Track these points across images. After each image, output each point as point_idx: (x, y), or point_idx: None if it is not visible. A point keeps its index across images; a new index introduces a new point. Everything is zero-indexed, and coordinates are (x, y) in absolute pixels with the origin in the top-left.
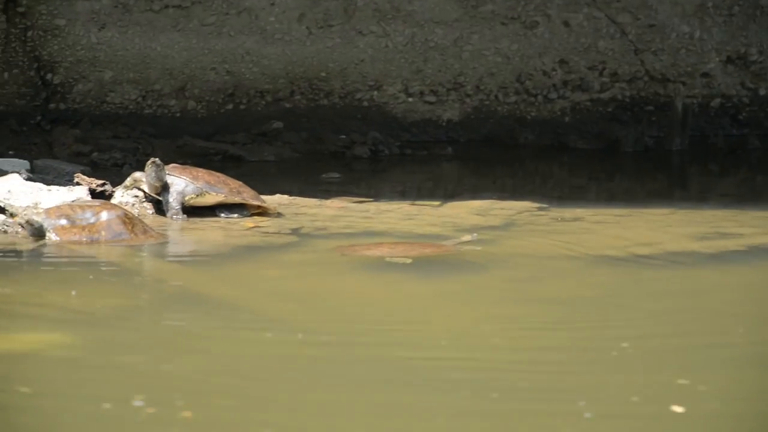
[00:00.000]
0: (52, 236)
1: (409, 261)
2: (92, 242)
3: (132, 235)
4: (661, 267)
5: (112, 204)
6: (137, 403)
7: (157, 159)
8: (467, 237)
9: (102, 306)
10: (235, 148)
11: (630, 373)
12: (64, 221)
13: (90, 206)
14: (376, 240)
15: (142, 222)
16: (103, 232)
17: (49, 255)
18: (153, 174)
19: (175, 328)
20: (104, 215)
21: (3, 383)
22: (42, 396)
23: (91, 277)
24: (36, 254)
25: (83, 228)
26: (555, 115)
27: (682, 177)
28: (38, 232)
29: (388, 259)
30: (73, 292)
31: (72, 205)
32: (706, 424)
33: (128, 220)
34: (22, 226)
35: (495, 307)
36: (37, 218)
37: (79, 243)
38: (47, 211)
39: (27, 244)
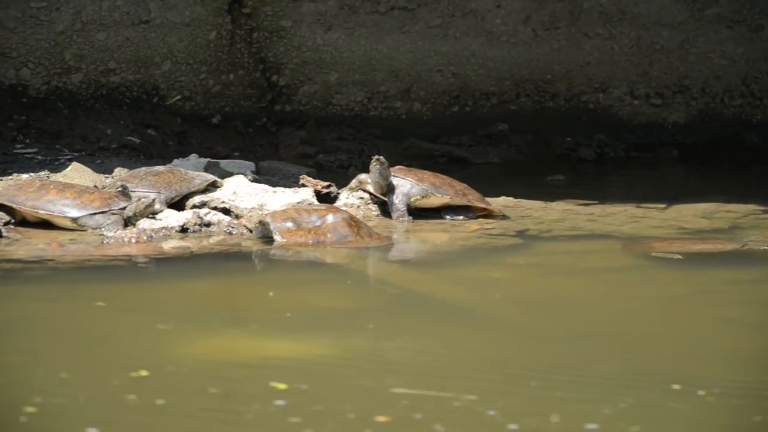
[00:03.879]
0: (278, 238)
1: (679, 257)
2: (318, 244)
3: (357, 237)
4: None
5: (336, 207)
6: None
7: (381, 157)
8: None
9: (331, 308)
10: (460, 150)
11: None
12: (290, 224)
13: (315, 209)
14: (599, 242)
15: (367, 225)
16: (329, 235)
17: (276, 257)
18: (377, 172)
19: (402, 329)
20: (330, 218)
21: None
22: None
23: (318, 279)
24: (264, 256)
25: (309, 230)
26: None
27: None
28: (266, 234)
29: (654, 254)
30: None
31: (297, 208)
32: None
33: (353, 223)
34: (249, 228)
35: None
36: (264, 221)
37: (305, 245)
38: (273, 214)
39: (253, 245)
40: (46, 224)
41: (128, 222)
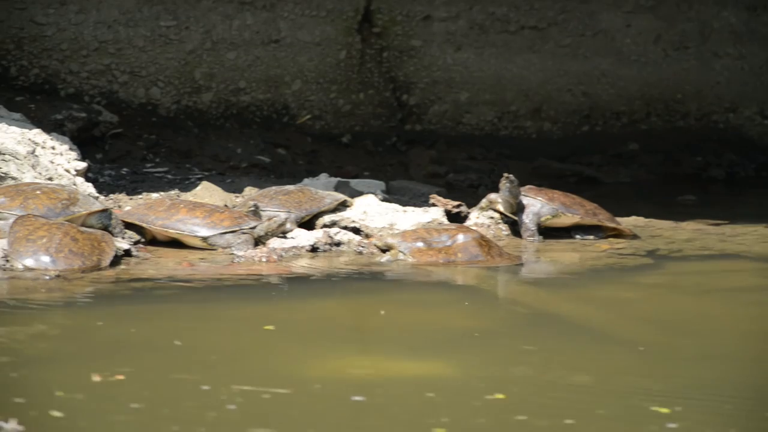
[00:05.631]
0: (408, 258)
1: None
2: (448, 264)
3: (488, 257)
4: None
5: (467, 227)
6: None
7: (511, 175)
8: None
9: (462, 327)
10: (590, 169)
11: None
12: (420, 244)
13: (446, 229)
14: (730, 262)
15: (497, 245)
16: (459, 254)
17: (406, 276)
18: (507, 190)
19: (531, 352)
20: (461, 238)
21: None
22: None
23: (449, 299)
24: (394, 276)
25: (439, 250)
26: None
27: None
28: (395, 254)
29: None
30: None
31: (428, 228)
32: None
33: (484, 242)
34: (379, 248)
35: None
36: (394, 241)
37: (435, 264)
38: (403, 234)
39: (383, 265)
40: (176, 243)
41: (258, 241)
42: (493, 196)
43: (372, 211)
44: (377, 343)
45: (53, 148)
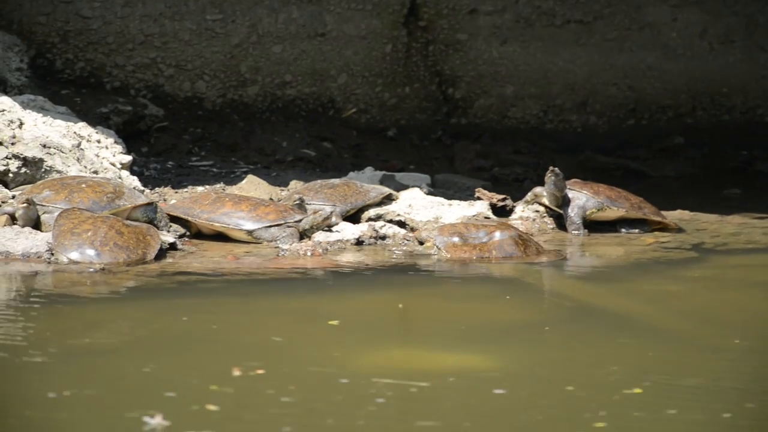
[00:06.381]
0: (443, 253)
1: None
2: (482, 260)
3: (523, 255)
4: None
5: (507, 225)
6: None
7: (555, 168)
8: None
9: (509, 321)
10: (635, 163)
11: None
12: (456, 239)
13: (484, 226)
14: None
15: (537, 242)
16: (493, 251)
17: (448, 271)
18: (552, 183)
19: (578, 342)
20: (497, 235)
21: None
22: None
23: (493, 292)
24: (436, 269)
25: (474, 246)
26: None
27: None
28: (430, 247)
29: None
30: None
31: (467, 224)
32: None
33: (521, 240)
34: (419, 241)
35: None
36: (430, 234)
37: (469, 260)
38: (441, 228)
39: (422, 258)
40: (221, 237)
41: (303, 235)
42: (538, 189)
43: (417, 204)
44: (425, 336)
45: (99, 141)
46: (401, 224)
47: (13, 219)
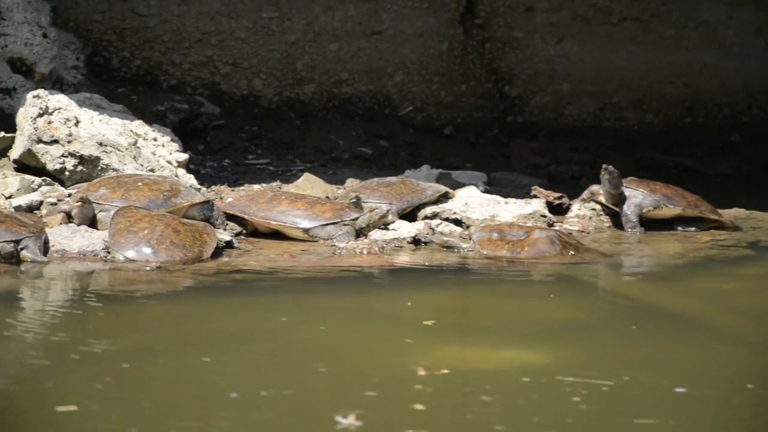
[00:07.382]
0: (477, 247)
1: None
2: (514, 257)
3: (557, 255)
4: None
5: (548, 227)
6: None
7: (610, 166)
8: None
9: (565, 319)
10: (692, 161)
11: None
12: (494, 234)
13: (527, 226)
14: None
15: (578, 243)
16: (526, 248)
17: (503, 270)
18: (607, 181)
19: (635, 339)
20: (535, 234)
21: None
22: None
23: (548, 291)
24: (488, 268)
25: (508, 242)
26: None
27: None
28: (465, 242)
29: None
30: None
31: (511, 224)
32: None
33: (558, 241)
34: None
35: None
36: (471, 230)
37: (501, 257)
38: (484, 226)
39: (467, 257)
40: (277, 235)
41: (360, 233)
42: (594, 187)
43: (473, 202)
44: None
45: (155, 139)
46: (457, 222)
47: (69, 217)
